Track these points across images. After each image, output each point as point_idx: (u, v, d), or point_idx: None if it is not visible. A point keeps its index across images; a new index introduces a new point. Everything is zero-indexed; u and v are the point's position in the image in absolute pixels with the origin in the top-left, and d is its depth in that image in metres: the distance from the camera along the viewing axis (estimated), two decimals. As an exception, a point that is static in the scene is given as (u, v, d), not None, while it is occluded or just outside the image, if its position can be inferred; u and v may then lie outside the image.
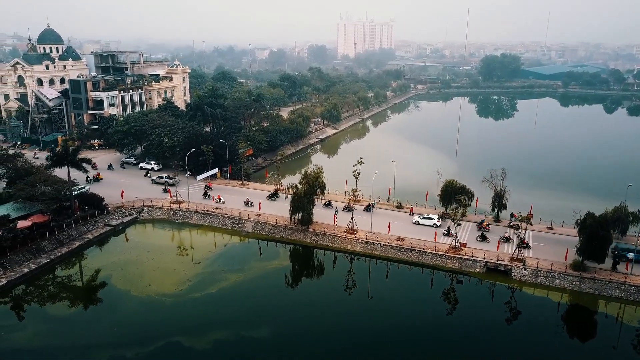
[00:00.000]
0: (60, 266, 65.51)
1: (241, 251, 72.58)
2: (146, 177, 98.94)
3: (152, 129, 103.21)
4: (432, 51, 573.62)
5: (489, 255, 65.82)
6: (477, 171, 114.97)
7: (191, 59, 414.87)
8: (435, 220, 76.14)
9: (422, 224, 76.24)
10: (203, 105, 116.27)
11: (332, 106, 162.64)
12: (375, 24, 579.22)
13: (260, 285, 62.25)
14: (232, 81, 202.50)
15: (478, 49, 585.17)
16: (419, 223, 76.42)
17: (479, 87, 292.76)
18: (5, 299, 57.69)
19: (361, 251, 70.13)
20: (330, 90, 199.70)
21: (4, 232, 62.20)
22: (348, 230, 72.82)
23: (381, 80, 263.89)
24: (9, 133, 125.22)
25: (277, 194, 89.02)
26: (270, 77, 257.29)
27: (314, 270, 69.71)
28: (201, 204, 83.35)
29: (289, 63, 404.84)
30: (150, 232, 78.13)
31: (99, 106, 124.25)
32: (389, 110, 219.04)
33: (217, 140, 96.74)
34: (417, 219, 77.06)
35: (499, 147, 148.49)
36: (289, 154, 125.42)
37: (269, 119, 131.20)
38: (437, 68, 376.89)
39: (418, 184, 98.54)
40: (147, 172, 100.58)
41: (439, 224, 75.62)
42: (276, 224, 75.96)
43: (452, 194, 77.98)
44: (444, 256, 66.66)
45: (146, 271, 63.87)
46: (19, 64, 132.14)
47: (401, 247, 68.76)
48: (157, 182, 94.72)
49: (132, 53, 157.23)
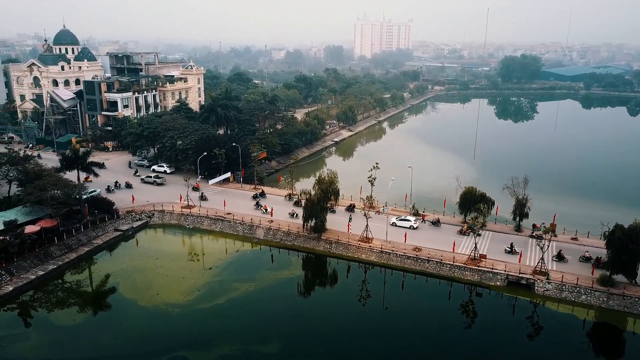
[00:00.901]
0: (67, 273, 64.15)
1: (252, 259, 70.58)
2: (135, 175, 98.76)
3: (165, 131, 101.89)
4: (450, 52, 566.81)
5: (510, 267, 62.81)
6: (496, 176, 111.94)
7: (208, 59, 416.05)
8: (412, 222, 74.78)
9: (399, 226, 74.63)
10: (217, 107, 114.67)
11: (347, 108, 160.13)
12: (392, 24, 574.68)
13: (271, 296, 60.10)
14: (248, 82, 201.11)
15: (497, 50, 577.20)
16: (395, 225, 74.31)
17: (498, 88, 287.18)
18: (11, 307, 56.46)
19: (376, 261, 67.61)
20: (346, 91, 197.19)
21: (10, 237, 61.03)
22: (363, 239, 70.34)
23: (398, 81, 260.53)
24: (24, 134, 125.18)
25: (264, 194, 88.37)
26: (286, 78, 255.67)
27: (327, 280, 67.45)
28: (212, 209, 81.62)
29: (306, 64, 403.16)
30: (160, 238, 76.56)
31: (113, 107, 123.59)
32: (406, 112, 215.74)
33: (230, 143, 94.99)
34: (395, 221, 75.12)
35: (519, 151, 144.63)
36: (303, 157, 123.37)
37: (283, 121, 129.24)
38: (455, 69, 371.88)
39: (436, 190, 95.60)
40: (137, 170, 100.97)
41: (416, 225, 74.51)
42: (288, 231, 73.80)
43: (471, 202, 75.18)
44: (463, 268, 63.82)
45: (154, 279, 62.17)
46: (34, 65, 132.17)
47: (418, 258, 66.07)
48: (146, 182, 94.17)
49: (147, 54, 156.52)
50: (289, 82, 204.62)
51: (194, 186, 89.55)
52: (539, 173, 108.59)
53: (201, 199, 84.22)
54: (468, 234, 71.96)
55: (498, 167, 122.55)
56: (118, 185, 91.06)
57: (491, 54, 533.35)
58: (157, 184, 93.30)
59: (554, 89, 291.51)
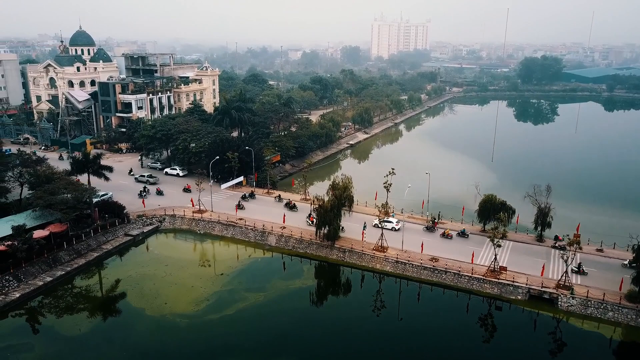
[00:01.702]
0: (75, 279, 62.97)
1: (263, 267, 68.70)
2: (130, 175, 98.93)
3: (178, 134, 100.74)
4: (469, 52, 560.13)
5: (532, 280, 59.93)
6: (516, 182, 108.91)
7: (224, 59, 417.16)
8: (394, 223, 73.92)
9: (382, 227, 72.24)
10: (231, 109, 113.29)
11: (363, 110, 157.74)
12: (410, 25, 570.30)
13: (282, 308, 58.11)
14: (263, 83, 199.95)
15: (516, 50, 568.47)
16: (378, 226, 72.54)
17: (517, 90, 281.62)
18: (17, 314, 55.49)
19: (391, 271, 65.25)
20: (362, 93, 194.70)
21: (18, 242, 60.04)
22: (377, 248, 68.04)
23: (415, 82, 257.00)
24: (40, 135, 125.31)
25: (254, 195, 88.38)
26: (302, 79, 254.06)
27: (340, 290, 65.43)
28: (224, 214, 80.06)
29: (322, 64, 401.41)
30: (171, 243, 75.19)
31: (127, 109, 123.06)
32: (423, 114, 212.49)
33: (243, 146, 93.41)
34: (376, 222, 73.41)
35: (539, 154, 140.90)
36: (318, 160, 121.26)
37: (298, 123, 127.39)
38: (474, 70, 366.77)
39: (453, 196, 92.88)
40: (131, 170, 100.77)
41: (398, 227, 73.67)
42: (301, 238, 71.82)
43: (491, 210, 72.50)
44: (482, 280, 61.15)
45: (163, 287, 60.67)
46: (50, 66, 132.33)
47: (435, 269, 63.57)
48: (139, 181, 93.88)
49: (163, 55, 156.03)
50: (304, 84, 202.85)
51: (186, 187, 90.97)
52: (560, 178, 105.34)
53: (239, 207, 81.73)
54: (450, 237, 71.91)
55: (517, 171, 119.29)
56: (147, 190, 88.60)
57: (510, 54, 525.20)
58: (149, 183, 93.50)
59: (575, 91, 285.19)
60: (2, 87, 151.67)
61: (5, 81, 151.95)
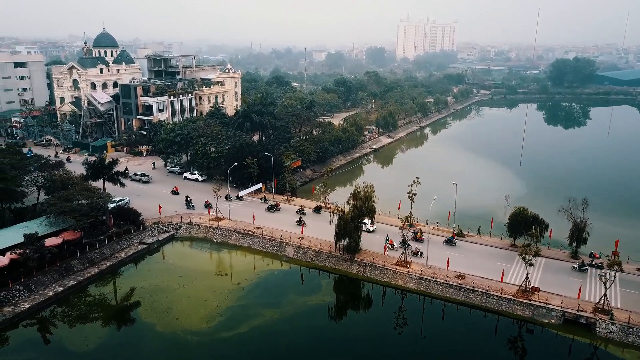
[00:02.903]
0: (87, 289, 61.20)
1: (280, 280, 65.83)
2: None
3: (198, 138, 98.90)
4: (497, 54, 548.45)
5: (567, 303, 55.63)
6: (546, 189, 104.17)
7: (249, 60, 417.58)
8: (368, 225, 72.76)
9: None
10: (252, 113, 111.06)
11: (388, 113, 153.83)
12: (436, 26, 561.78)
13: (298, 325, 55.21)
14: (286, 85, 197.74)
15: (546, 52, 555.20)
16: None
17: (548, 93, 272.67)
18: (25, 325, 53.89)
19: (414, 288, 61.63)
20: (387, 95, 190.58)
21: (30, 251, 58.55)
22: (400, 263, 64.51)
23: (441, 84, 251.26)
24: (62, 137, 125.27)
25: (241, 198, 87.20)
26: (326, 81, 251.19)
27: (360, 306, 62.24)
28: (242, 222, 77.61)
29: (346, 65, 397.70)
30: (186, 253, 73.05)
31: (148, 111, 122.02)
32: (449, 117, 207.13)
33: (262, 152, 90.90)
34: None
35: (569, 159, 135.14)
36: (340, 165, 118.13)
37: (320, 127, 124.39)
38: (502, 72, 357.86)
39: (481, 206, 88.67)
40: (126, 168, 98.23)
41: (372, 229, 73.40)
42: (319, 250, 68.78)
43: (522, 224, 68.19)
44: (512, 301, 57.10)
45: (175, 301, 58.35)
46: (74, 68, 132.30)
47: (461, 287, 59.75)
48: (133, 179, 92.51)
49: (185, 56, 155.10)
50: (328, 86, 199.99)
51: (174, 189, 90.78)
52: (593, 188, 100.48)
53: (300, 223, 76.44)
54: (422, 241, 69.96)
55: (547, 178, 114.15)
56: (190, 201, 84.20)
57: (540, 55, 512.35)
58: (142, 182, 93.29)
59: (608, 94, 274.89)
60: (28, 88, 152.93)
61: (31, 82, 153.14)
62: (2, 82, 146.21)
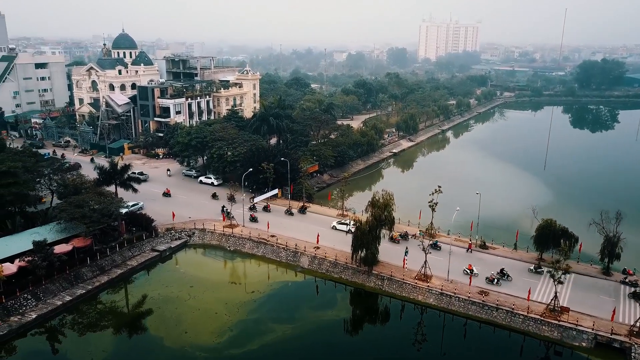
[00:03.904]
0: (95, 299, 59.59)
1: (294, 292, 63.31)
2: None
3: (214, 141, 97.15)
4: (521, 54, 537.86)
5: (599, 324, 51.96)
6: (574, 199, 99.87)
7: (269, 61, 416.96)
8: (350, 226, 72.82)
9: (338, 229, 75.19)
10: (269, 116, 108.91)
11: (408, 116, 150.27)
12: (459, 26, 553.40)
13: (312, 342, 52.71)
14: (305, 87, 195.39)
15: (572, 52, 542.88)
16: (335, 228, 75.58)
17: (574, 95, 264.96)
18: (32, 336, 52.47)
19: (434, 304, 58.53)
20: (408, 97, 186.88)
21: (38, 259, 57.17)
22: (420, 277, 61.48)
23: (464, 86, 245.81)
24: (80, 138, 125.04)
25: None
26: (346, 82, 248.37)
27: (377, 322, 59.43)
28: (256, 229, 75.43)
29: (367, 66, 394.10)
30: (198, 261, 71.08)
31: (165, 113, 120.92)
32: (472, 120, 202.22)
33: (279, 156, 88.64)
34: (335, 224, 76.26)
35: (598, 166, 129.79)
36: (358, 169, 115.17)
37: (338, 130, 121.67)
38: (527, 73, 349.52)
39: (505, 215, 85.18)
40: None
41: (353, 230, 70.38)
42: (335, 262, 66.09)
43: (550, 237, 64.49)
44: (539, 321, 53.62)
45: (185, 313, 56.36)
46: (93, 69, 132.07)
47: (484, 304, 56.46)
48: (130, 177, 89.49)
49: (203, 58, 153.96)
50: (347, 87, 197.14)
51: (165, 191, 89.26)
52: (625, 197, 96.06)
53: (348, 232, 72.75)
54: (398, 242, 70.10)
55: (575, 186, 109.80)
56: (229, 212, 78.87)
57: (566, 57, 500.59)
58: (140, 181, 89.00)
59: (639, 96, 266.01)
60: (49, 89, 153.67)
61: (52, 83, 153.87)
62: (24, 83, 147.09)
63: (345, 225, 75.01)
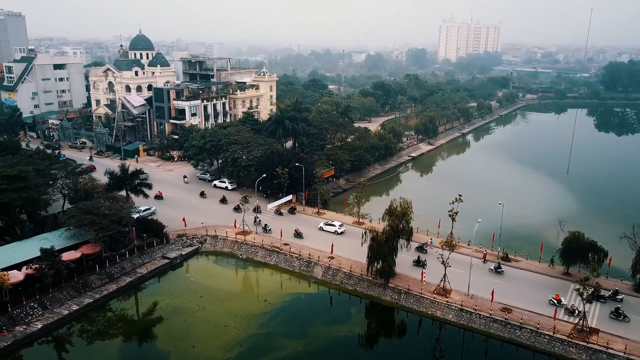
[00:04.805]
0: (102, 308, 57.99)
1: (306, 305, 60.99)
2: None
3: (228, 145, 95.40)
4: (544, 55, 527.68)
5: (632, 347, 48.56)
6: (600, 207, 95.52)
7: (288, 61, 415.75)
8: (336, 227, 75.03)
9: (325, 230, 75.39)
10: (284, 119, 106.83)
11: (428, 119, 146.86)
12: (480, 26, 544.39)
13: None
14: (323, 89, 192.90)
15: (597, 53, 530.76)
16: (322, 229, 75.72)
17: (599, 98, 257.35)
18: (36, 348, 51.05)
19: (454, 321, 55.64)
20: (427, 99, 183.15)
21: (45, 267, 55.85)
22: (439, 291, 58.62)
23: (485, 88, 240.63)
24: (96, 140, 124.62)
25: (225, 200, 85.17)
26: (364, 83, 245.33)
27: (393, 338, 56.77)
28: (269, 237, 73.36)
29: (386, 67, 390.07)
30: (209, 269, 69.22)
31: (180, 115, 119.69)
32: (493, 123, 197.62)
33: (293, 161, 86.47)
34: (322, 225, 76.49)
35: (625, 172, 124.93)
36: (375, 174, 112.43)
37: (355, 133, 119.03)
38: (550, 75, 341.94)
39: (528, 225, 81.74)
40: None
41: (340, 231, 74.70)
42: (350, 273, 63.56)
43: (577, 251, 61.05)
44: (566, 342, 50.39)
45: (194, 325, 54.46)
46: (109, 70, 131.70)
47: (507, 322, 53.39)
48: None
49: (220, 59, 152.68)
50: (365, 89, 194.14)
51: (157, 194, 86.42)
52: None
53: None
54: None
55: (601, 194, 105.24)
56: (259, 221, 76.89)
57: (591, 58, 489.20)
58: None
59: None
60: (67, 90, 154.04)
61: (70, 84, 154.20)
62: (42, 84, 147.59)
63: (332, 227, 75.49)
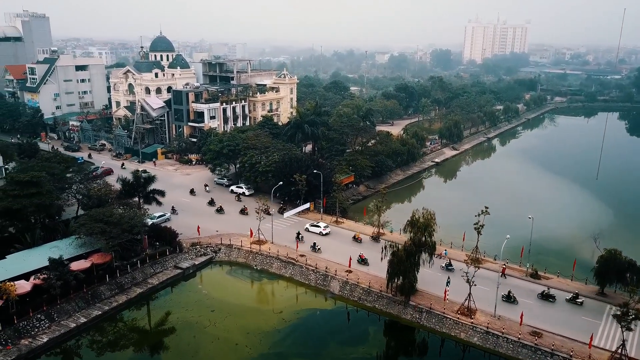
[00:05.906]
0: (110, 322, 55.97)
1: (321, 323, 57.92)
2: (122, 168, 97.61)
3: (246, 150, 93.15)
4: (573, 56, 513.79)
5: (676, 382, 44.28)
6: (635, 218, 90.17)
7: (310, 62, 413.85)
8: (321, 228, 74.98)
9: (311, 231, 75.26)
10: (304, 123, 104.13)
11: (452, 124, 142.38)
12: (507, 27, 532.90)
13: (338, 385, 47.34)
14: (344, 91, 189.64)
15: (629, 55, 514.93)
16: (308, 230, 75.70)
17: (632, 101, 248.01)
18: (50, 355, 49.31)
19: (479, 344, 51.97)
20: (452, 102, 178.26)
21: (53, 277, 54.12)
22: (463, 311, 55.01)
23: (512, 90, 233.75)
24: (115, 142, 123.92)
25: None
26: (387, 85, 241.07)
27: (414, 358, 53.36)
28: (284, 247, 70.69)
29: (410, 68, 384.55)
30: (222, 281, 66.79)
31: (199, 118, 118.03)
32: (520, 127, 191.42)
33: (312, 167, 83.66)
34: (308, 226, 76.43)
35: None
36: (397, 180, 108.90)
37: (376, 138, 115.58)
38: (579, 77, 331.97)
39: (559, 239, 77.31)
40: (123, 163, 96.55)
41: (325, 232, 74.66)
42: (369, 289, 60.34)
43: (613, 270, 56.70)
44: (603, 373, 46.40)
45: (203, 342, 52.04)
46: (129, 72, 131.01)
47: (537, 348, 49.51)
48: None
49: (240, 61, 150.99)
50: (388, 91, 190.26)
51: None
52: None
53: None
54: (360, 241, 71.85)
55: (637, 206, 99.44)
56: (301, 237, 72.97)
57: (622, 59, 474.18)
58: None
59: None
60: (88, 91, 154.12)
61: (91, 85, 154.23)
62: (64, 85, 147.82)
63: (317, 228, 75.63)
